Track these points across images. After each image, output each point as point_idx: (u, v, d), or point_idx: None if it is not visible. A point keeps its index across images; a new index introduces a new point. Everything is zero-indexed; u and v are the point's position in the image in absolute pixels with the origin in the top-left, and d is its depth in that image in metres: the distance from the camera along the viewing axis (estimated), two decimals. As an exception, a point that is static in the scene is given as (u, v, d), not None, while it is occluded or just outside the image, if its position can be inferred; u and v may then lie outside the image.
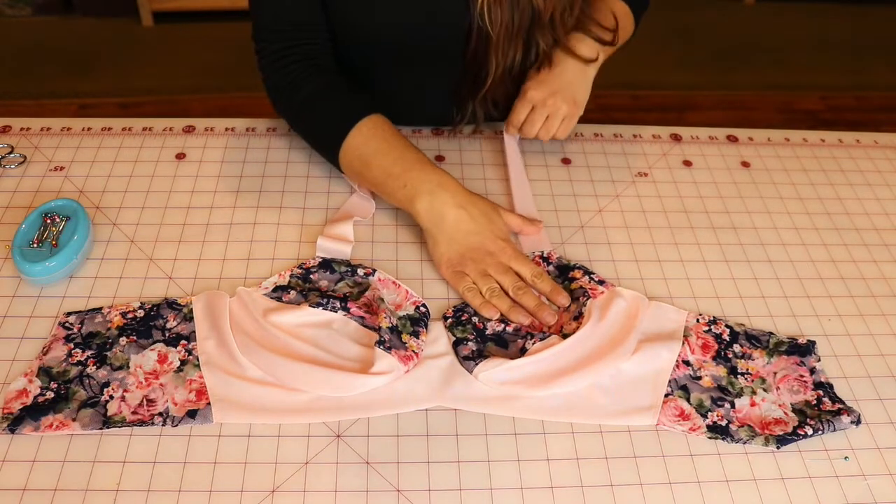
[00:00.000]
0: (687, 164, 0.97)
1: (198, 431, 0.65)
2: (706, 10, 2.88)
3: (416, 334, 0.70)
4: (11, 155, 0.90)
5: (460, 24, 0.86)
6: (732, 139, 1.02)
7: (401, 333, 0.70)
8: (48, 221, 0.77)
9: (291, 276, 0.76)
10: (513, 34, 0.85)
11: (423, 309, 0.73)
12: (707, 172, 0.96)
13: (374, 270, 0.76)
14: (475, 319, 0.73)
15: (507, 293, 0.75)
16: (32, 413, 0.64)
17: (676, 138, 1.01)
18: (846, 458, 0.67)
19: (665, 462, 0.65)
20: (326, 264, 0.77)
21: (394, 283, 0.75)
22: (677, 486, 0.64)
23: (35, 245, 0.75)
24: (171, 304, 0.73)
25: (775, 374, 0.72)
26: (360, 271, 0.76)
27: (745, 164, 0.98)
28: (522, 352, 0.70)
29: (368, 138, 0.81)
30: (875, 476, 0.66)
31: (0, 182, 0.87)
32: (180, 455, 0.63)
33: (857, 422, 0.69)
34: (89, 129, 0.94)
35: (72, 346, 0.69)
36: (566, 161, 0.96)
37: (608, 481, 0.64)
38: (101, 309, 0.72)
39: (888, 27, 2.84)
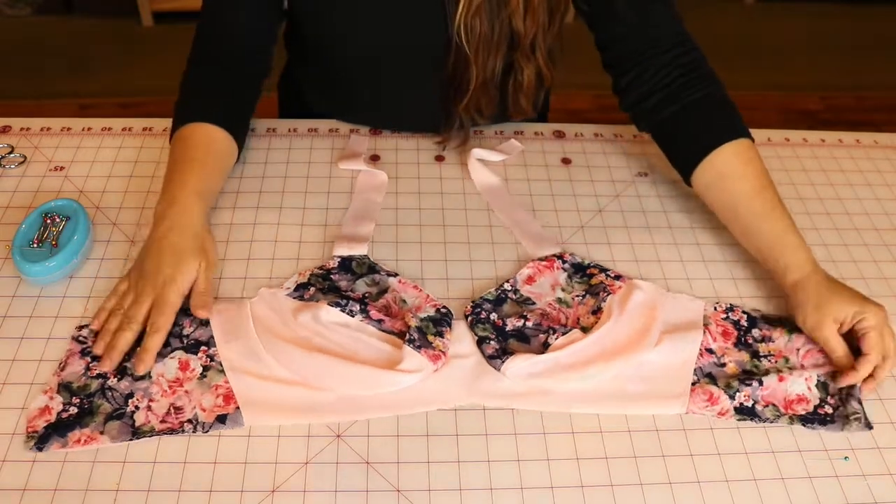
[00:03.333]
0: (687, 164, 0.97)
1: (197, 431, 0.65)
2: (706, 10, 2.88)
3: (440, 334, 0.70)
4: (11, 155, 0.90)
5: (440, 34, 0.85)
6: (732, 139, 1.02)
7: (426, 334, 0.70)
8: (48, 221, 0.77)
9: (312, 275, 0.76)
10: (492, 45, 0.85)
11: (443, 310, 0.73)
12: (707, 172, 0.95)
13: (396, 273, 0.77)
14: (493, 317, 0.73)
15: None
16: (58, 429, 0.63)
17: (676, 138, 1.01)
18: (846, 458, 0.67)
19: (665, 462, 0.65)
20: (346, 266, 0.78)
21: (414, 287, 0.76)
22: (677, 486, 0.64)
23: (35, 245, 0.75)
24: (185, 311, 0.72)
25: (798, 350, 0.74)
26: (382, 272, 0.77)
27: (745, 164, 0.98)
28: (545, 346, 0.71)
29: (183, 140, 0.82)
30: (875, 476, 0.66)
31: (0, 182, 0.87)
32: (180, 455, 0.63)
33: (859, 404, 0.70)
34: (89, 129, 0.94)
35: (89, 359, 0.69)
36: (566, 161, 0.96)
37: (608, 481, 0.64)
38: None
39: (888, 27, 2.84)
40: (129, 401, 0.66)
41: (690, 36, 0.88)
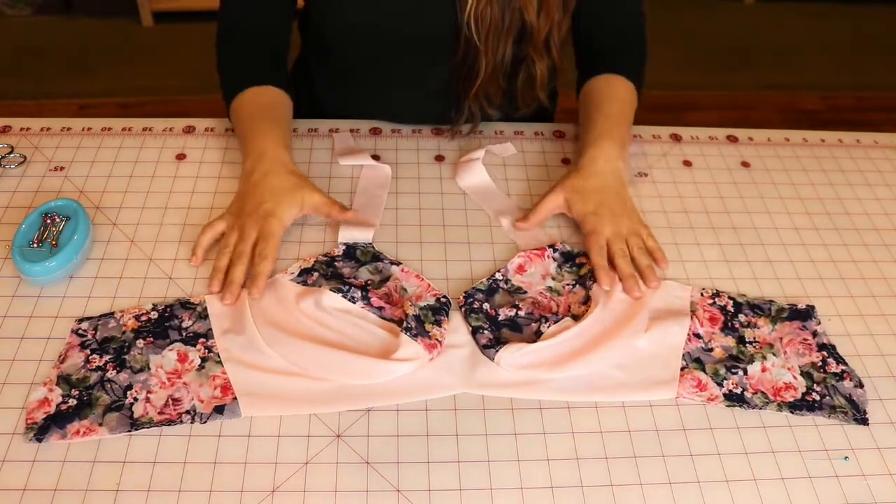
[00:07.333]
0: (687, 164, 0.97)
1: (197, 431, 0.65)
2: (706, 10, 2.88)
3: (438, 323, 0.71)
4: (11, 155, 0.90)
5: (449, 21, 0.86)
6: (732, 139, 1.02)
7: (423, 322, 0.70)
8: (48, 221, 0.77)
9: (316, 261, 0.77)
10: (502, 32, 0.86)
11: (443, 300, 0.74)
12: (707, 172, 0.96)
13: (400, 262, 0.78)
14: (486, 307, 0.74)
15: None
16: (57, 421, 0.64)
17: (676, 138, 1.01)
18: (846, 458, 0.67)
19: (665, 462, 0.65)
20: (351, 253, 0.79)
21: (416, 276, 0.76)
22: (677, 486, 0.64)
23: (35, 245, 0.75)
24: (185, 304, 0.73)
25: (781, 339, 0.75)
26: (385, 260, 0.78)
27: (745, 164, 0.98)
28: (537, 335, 0.71)
29: (243, 104, 0.88)
30: (875, 476, 0.66)
31: (0, 182, 0.87)
32: (180, 455, 0.63)
33: (860, 385, 0.71)
34: (89, 129, 0.94)
35: (88, 352, 0.69)
36: (566, 161, 0.96)
37: (608, 481, 0.64)
38: (113, 313, 0.72)
39: (888, 27, 2.84)
40: (128, 393, 0.66)
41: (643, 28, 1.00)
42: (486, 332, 0.72)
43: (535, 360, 0.70)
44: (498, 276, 0.78)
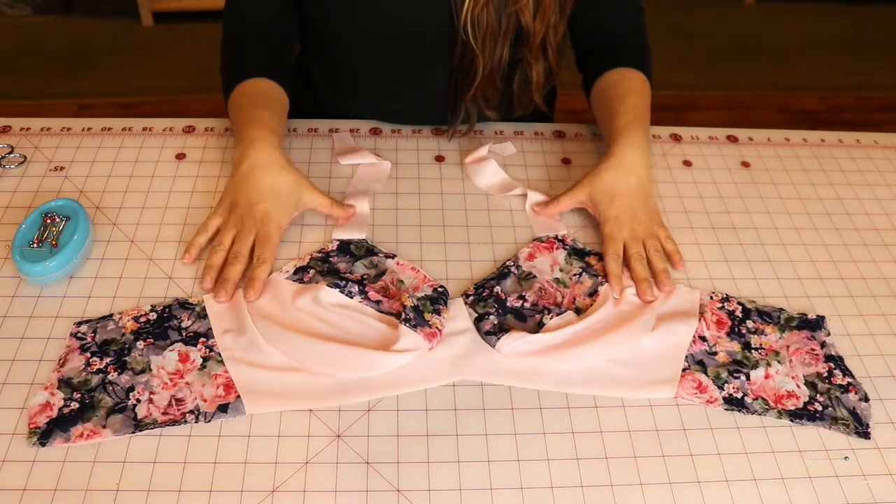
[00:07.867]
0: (687, 164, 0.97)
1: (198, 431, 0.65)
2: (706, 10, 2.88)
3: (437, 311, 0.71)
4: (11, 155, 0.90)
5: (447, 23, 0.86)
6: (732, 139, 1.02)
7: (422, 312, 0.71)
8: (48, 221, 0.77)
9: (311, 258, 0.77)
10: (498, 35, 0.86)
11: (440, 289, 0.74)
12: (707, 172, 0.96)
13: (395, 255, 0.78)
14: (497, 290, 0.74)
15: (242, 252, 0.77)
16: (60, 425, 0.64)
17: (676, 138, 1.01)
18: (846, 458, 0.67)
19: (665, 462, 0.65)
20: (345, 248, 0.79)
21: (412, 268, 0.77)
22: (677, 485, 0.64)
23: (35, 245, 0.75)
24: (183, 304, 0.73)
25: (788, 347, 0.74)
26: (380, 254, 0.78)
27: (745, 164, 0.98)
28: (540, 326, 0.72)
29: (237, 95, 0.88)
30: (875, 476, 0.66)
31: (0, 182, 0.87)
32: (180, 455, 0.63)
33: (866, 399, 0.71)
34: (89, 129, 0.94)
35: (88, 355, 0.69)
36: (566, 161, 0.96)
37: (608, 481, 0.64)
38: (111, 315, 0.72)
39: (888, 27, 2.84)
40: (131, 394, 0.66)
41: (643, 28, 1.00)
42: (491, 317, 0.72)
43: (536, 350, 0.70)
44: (509, 262, 0.79)
